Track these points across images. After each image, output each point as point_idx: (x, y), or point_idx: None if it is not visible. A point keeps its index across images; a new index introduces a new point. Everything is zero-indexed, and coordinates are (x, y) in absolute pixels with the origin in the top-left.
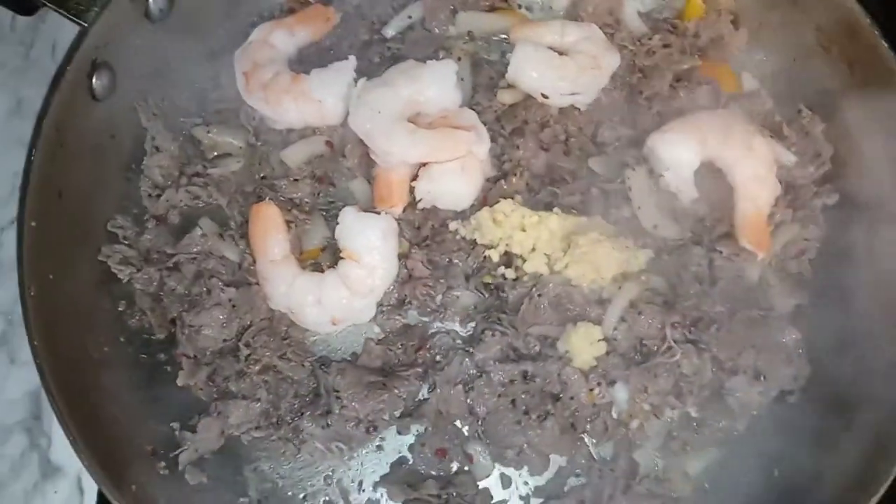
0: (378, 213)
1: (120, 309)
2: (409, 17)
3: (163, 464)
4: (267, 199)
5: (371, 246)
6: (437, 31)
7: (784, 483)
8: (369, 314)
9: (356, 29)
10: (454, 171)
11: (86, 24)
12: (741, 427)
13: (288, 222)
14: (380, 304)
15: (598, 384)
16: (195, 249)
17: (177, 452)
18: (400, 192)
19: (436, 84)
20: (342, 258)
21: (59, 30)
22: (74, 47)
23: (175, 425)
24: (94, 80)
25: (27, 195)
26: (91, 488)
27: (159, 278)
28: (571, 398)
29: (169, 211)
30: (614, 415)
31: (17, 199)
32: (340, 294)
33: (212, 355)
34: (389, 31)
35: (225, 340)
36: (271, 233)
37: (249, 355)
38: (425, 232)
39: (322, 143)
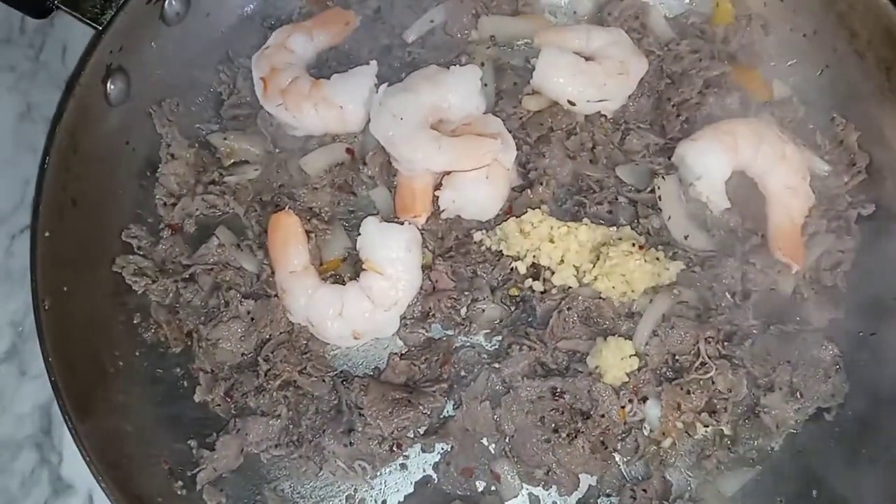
0: (401, 222)
1: (135, 322)
2: (431, 21)
3: (180, 483)
4: (286, 208)
5: (394, 257)
6: (458, 35)
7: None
8: (393, 328)
9: (376, 33)
10: (479, 180)
11: (100, 28)
12: (777, 446)
13: (307, 232)
14: (403, 318)
15: (630, 401)
16: (212, 260)
17: (195, 472)
18: (423, 202)
19: (460, 89)
20: (364, 270)
21: (70, 32)
22: (89, 52)
23: (192, 443)
24: (108, 86)
25: (41, 204)
26: None
27: (175, 290)
28: (602, 416)
29: (185, 220)
30: (646, 433)
31: (27, 206)
32: (363, 307)
33: (230, 370)
34: (410, 36)
35: (243, 355)
36: (291, 243)
37: (269, 370)
38: (449, 243)
39: (342, 151)
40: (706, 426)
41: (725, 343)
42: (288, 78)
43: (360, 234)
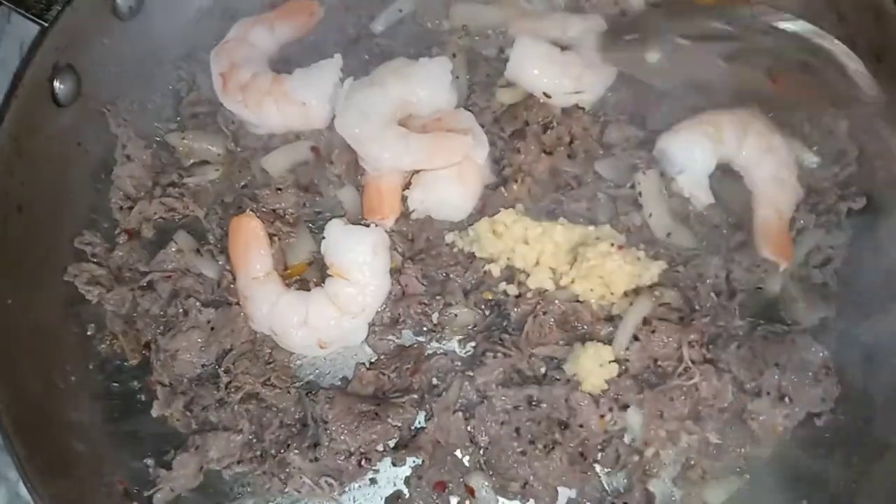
0: (367, 225)
1: (88, 333)
2: (400, 10)
3: None
4: (248, 210)
5: (361, 261)
6: (429, 25)
7: None
8: (361, 336)
9: (342, 24)
10: (449, 179)
11: (46, 24)
12: (765, 453)
13: (271, 235)
14: (372, 324)
15: (610, 409)
16: (170, 266)
17: (151, 492)
18: (391, 202)
19: (429, 83)
20: (329, 275)
21: (27, 30)
22: (33, 50)
23: (149, 461)
24: (56, 85)
25: None
26: None
27: (132, 298)
28: (581, 426)
29: (142, 224)
30: (627, 442)
31: None
32: (329, 314)
33: (189, 382)
34: (378, 27)
35: (203, 366)
36: (253, 247)
37: (230, 382)
38: (420, 245)
39: (307, 149)
40: (690, 434)
41: (710, 346)
42: (248, 73)
43: (324, 238)
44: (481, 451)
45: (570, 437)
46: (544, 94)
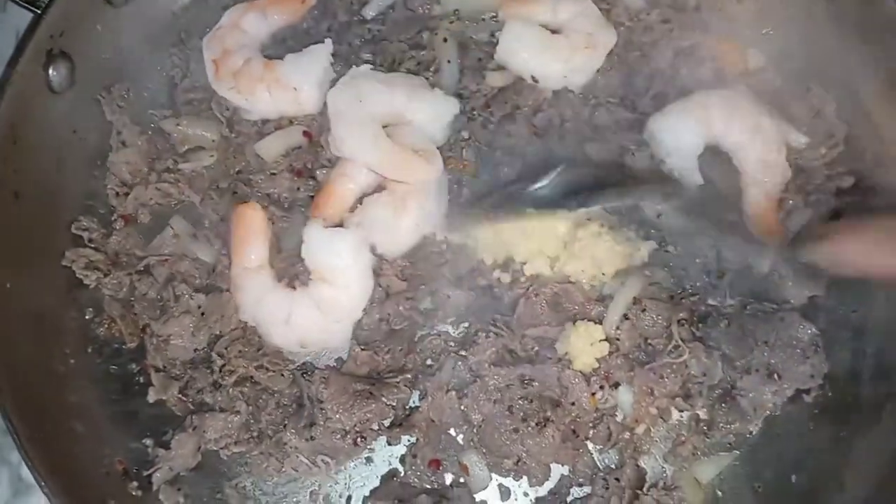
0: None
1: (87, 317)
2: None
3: (135, 484)
4: (252, 200)
5: (342, 265)
6: (420, 10)
7: (802, 490)
8: (344, 340)
9: (334, 10)
10: (388, 207)
11: (39, 11)
12: (755, 430)
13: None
14: (359, 323)
15: (601, 387)
16: (167, 251)
17: (150, 471)
18: (336, 208)
19: (431, 115)
20: (311, 279)
21: (23, 18)
22: (27, 37)
23: (148, 442)
24: (51, 72)
25: None
26: None
27: (129, 283)
28: (572, 403)
29: (138, 210)
30: (619, 419)
31: None
32: (311, 317)
33: (183, 366)
34: (370, 12)
35: (196, 350)
36: (251, 238)
37: (224, 366)
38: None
39: (299, 134)
40: (681, 411)
41: (699, 325)
42: (240, 60)
43: (303, 242)
44: (475, 430)
45: (562, 415)
46: (532, 77)
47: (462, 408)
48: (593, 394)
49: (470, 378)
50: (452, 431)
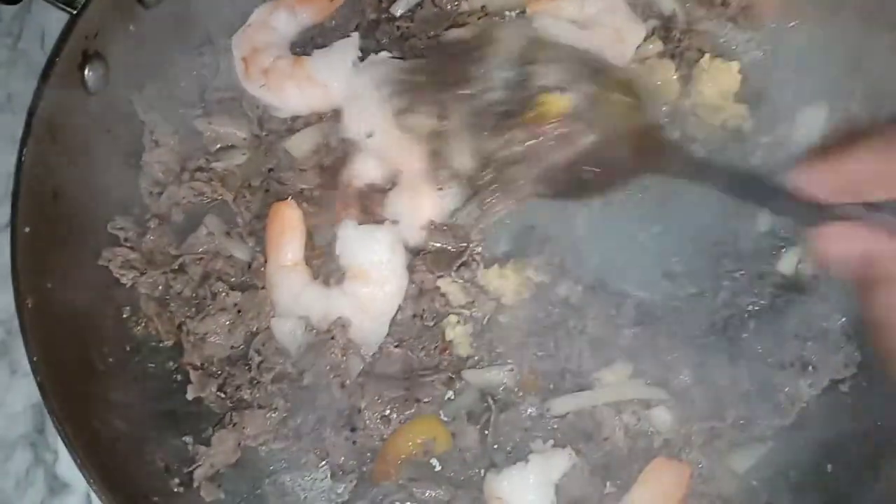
0: (381, 222)
1: (124, 316)
2: None
3: (177, 480)
4: (290, 198)
5: (377, 261)
6: (448, 7)
7: (838, 479)
8: (379, 338)
9: (363, 8)
10: (407, 198)
11: (75, 12)
12: (788, 421)
13: None
14: (393, 319)
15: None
16: (201, 249)
17: (192, 468)
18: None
19: None
20: (347, 277)
21: (48, 18)
22: (64, 38)
23: (188, 439)
24: (86, 72)
25: (19, 199)
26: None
27: (165, 281)
28: (605, 439)
29: (172, 209)
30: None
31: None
32: (348, 314)
33: (220, 363)
34: (398, 10)
35: (233, 347)
36: (287, 236)
37: (261, 363)
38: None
39: (328, 130)
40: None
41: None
42: (270, 57)
43: (337, 239)
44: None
45: (594, 448)
46: None
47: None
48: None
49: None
50: None
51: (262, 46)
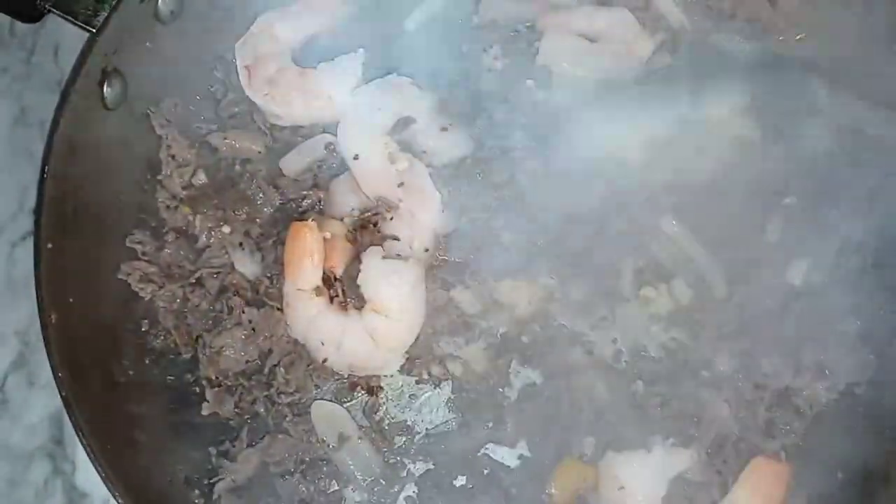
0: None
1: (143, 329)
2: (431, 7)
3: (197, 492)
4: (311, 219)
5: (400, 295)
6: (459, 21)
7: (848, 486)
8: (394, 367)
9: (374, 21)
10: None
11: (94, 31)
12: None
13: None
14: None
15: None
16: (217, 263)
17: (213, 480)
18: (311, 259)
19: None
20: (366, 307)
21: (61, 33)
22: (84, 55)
23: (209, 451)
24: (105, 89)
25: (42, 216)
26: None
27: (182, 295)
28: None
29: (188, 223)
30: None
31: (27, 213)
32: (364, 344)
33: (235, 377)
34: (410, 24)
35: (248, 362)
36: (305, 259)
37: (274, 380)
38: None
39: (321, 147)
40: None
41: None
42: (273, 66)
43: (360, 268)
44: None
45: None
46: None
47: None
48: None
49: None
50: None
51: (265, 55)
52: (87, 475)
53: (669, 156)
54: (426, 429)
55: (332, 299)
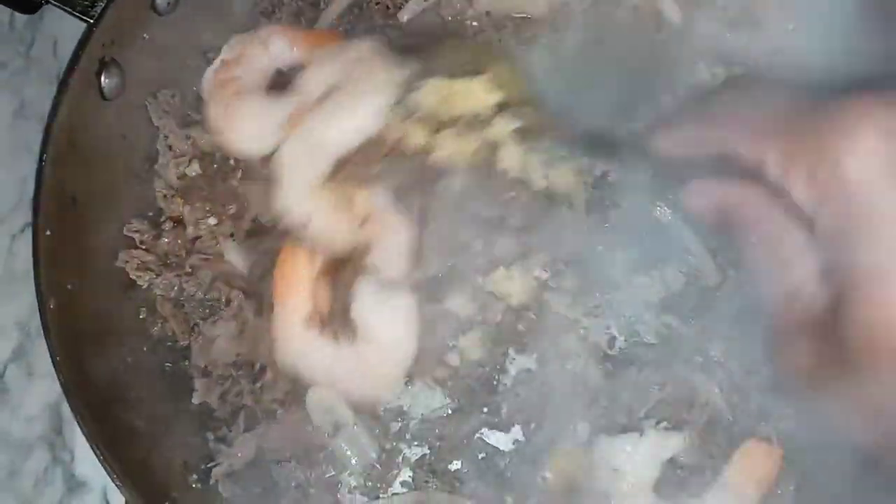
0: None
1: (141, 317)
2: (425, 0)
3: (195, 476)
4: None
5: (393, 327)
6: (449, 17)
7: (839, 470)
8: (387, 397)
9: (370, 13)
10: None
11: (92, 21)
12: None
13: None
14: None
15: None
16: (209, 252)
17: (210, 465)
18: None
19: None
20: (358, 336)
21: (60, 26)
22: (82, 46)
23: (206, 436)
24: (103, 79)
25: (40, 203)
26: (118, 502)
27: (178, 283)
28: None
29: (182, 213)
30: None
31: (26, 205)
32: (358, 376)
33: (225, 367)
34: (404, 16)
35: (238, 354)
36: (294, 288)
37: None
38: None
39: None
40: None
41: None
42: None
43: (354, 300)
44: None
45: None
46: None
47: None
48: None
49: None
50: None
51: (230, 81)
52: (86, 463)
53: None
54: (421, 414)
55: (321, 327)
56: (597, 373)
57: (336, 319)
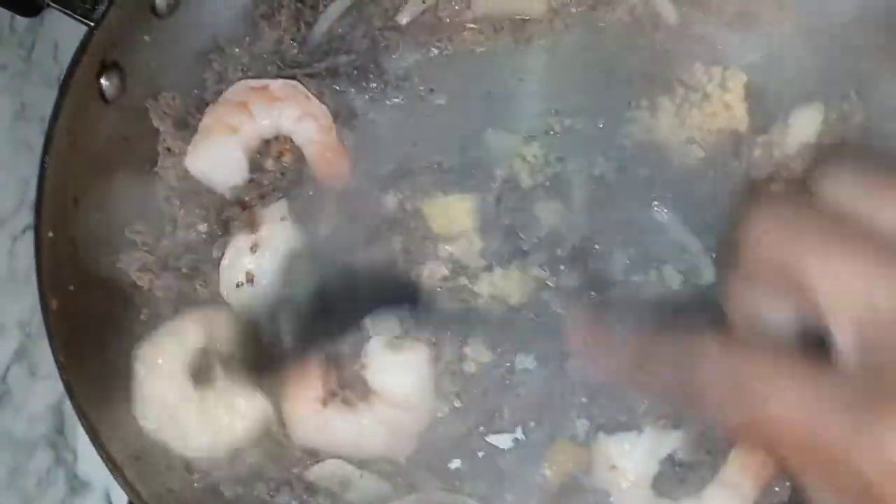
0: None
1: (142, 318)
2: (423, 1)
3: (197, 476)
4: None
5: (408, 384)
6: (447, 20)
7: None
8: (409, 450)
9: (369, 16)
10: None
11: (93, 24)
12: None
13: None
14: None
15: None
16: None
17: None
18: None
19: None
20: (375, 399)
21: (60, 29)
22: (83, 48)
23: None
24: (103, 82)
25: (42, 205)
26: (121, 502)
27: (178, 286)
28: None
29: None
30: None
31: (28, 207)
32: (379, 437)
33: None
34: (403, 19)
35: None
36: (308, 393)
37: None
38: None
39: None
40: None
41: None
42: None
43: (364, 358)
44: None
45: None
46: None
47: None
48: None
49: None
50: None
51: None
52: (89, 464)
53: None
54: None
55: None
56: None
57: (348, 387)
